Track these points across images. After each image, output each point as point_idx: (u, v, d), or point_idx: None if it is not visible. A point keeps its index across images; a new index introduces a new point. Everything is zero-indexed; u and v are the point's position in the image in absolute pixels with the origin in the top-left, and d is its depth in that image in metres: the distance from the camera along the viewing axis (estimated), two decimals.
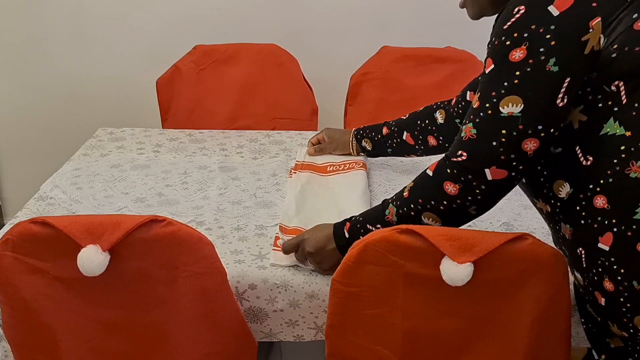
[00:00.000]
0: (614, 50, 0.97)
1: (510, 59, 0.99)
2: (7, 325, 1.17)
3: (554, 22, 0.96)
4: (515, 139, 1.00)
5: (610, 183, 0.99)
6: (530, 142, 1.00)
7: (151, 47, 2.49)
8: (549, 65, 0.97)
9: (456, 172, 1.05)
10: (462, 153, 1.04)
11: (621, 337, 1.06)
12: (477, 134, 1.03)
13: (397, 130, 1.62)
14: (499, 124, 1.00)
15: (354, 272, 1.10)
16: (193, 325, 1.17)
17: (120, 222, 1.07)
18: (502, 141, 1.00)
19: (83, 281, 1.09)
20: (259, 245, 1.35)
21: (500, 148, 1.01)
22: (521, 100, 0.99)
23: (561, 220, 1.09)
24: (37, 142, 2.67)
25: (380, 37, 2.31)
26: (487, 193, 1.05)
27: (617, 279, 1.00)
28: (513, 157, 1.01)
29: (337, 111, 2.20)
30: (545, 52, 0.97)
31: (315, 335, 1.29)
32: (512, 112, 0.99)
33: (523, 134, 1.00)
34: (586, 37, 0.96)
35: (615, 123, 0.99)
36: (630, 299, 1.00)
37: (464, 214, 1.09)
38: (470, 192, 1.05)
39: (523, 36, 0.98)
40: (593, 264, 1.04)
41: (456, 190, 1.06)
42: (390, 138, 1.63)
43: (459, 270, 1.03)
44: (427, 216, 1.11)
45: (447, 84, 2.13)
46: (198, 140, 1.92)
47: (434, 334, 1.13)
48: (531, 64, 0.97)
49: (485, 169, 1.02)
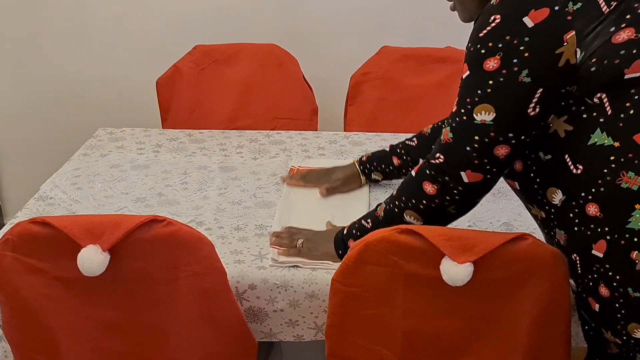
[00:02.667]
0: (593, 63, 0.97)
1: (485, 68, 1.01)
2: (7, 325, 1.17)
3: (528, 34, 0.97)
4: (487, 145, 1.04)
5: (601, 192, 0.99)
6: (502, 149, 1.04)
7: (151, 47, 2.49)
8: (521, 77, 0.99)
9: (434, 174, 1.10)
10: (440, 156, 1.09)
11: (615, 343, 1.06)
12: (452, 138, 1.07)
13: (410, 159, 1.54)
14: (472, 130, 1.04)
15: (354, 272, 1.10)
16: (193, 325, 1.17)
17: (120, 222, 1.07)
18: (475, 147, 1.04)
19: (83, 281, 1.09)
20: (259, 246, 1.35)
21: (473, 153, 1.05)
22: (493, 109, 1.02)
23: (556, 226, 1.10)
24: (37, 142, 2.67)
25: (380, 37, 2.30)
26: (465, 194, 1.10)
27: (612, 285, 1.00)
28: (486, 162, 1.05)
29: (337, 111, 2.20)
30: (518, 63, 0.98)
31: (315, 335, 1.29)
32: (484, 120, 1.03)
33: (494, 141, 1.04)
34: (560, 50, 0.97)
35: (602, 134, 0.99)
36: (625, 305, 1.00)
37: (444, 214, 1.14)
38: (447, 192, 1.10)
39: (497, 46, 0.99)
40: (588, 270, 1.04)
41: (434, 191, 1.11)
42: (404, 167, 1.55)
43: (459, 270, 1.03)
44: (409, 214, 1.16)
45: (447, 84, 2.13)
46: (198, 140, 1.92)
47: (434, 334, 1.13)
48: (504, 74, 0.99)
49: (461, 172, 1.07)
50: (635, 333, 1.01)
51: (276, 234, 1.36)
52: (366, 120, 2.14)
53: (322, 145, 1.88)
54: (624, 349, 1.06)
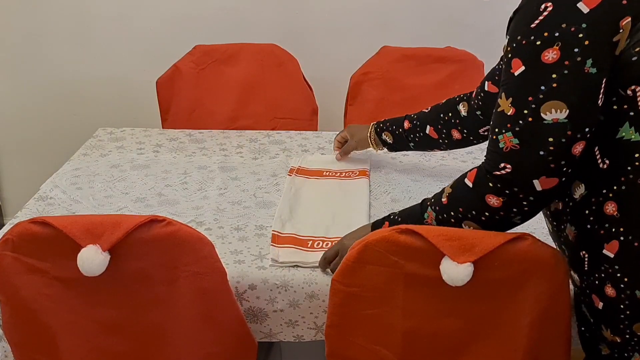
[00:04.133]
0: (635, 53, 0.93)
1: (544, 60, 0.94)
2: (7, 325, 1.17)
3: (585, 20, 0.91)
4: (565, 146, 0.95)
5: (622, 190, 0.97)
6: (579, 146, 0.96)
7: (151, 47, 2.49)
8: (586, 68, 0.92)
9: (500, 186, 1.00)
10: (506, 166, 0.99)
11: (611, 342, 1.06)
12: (519, 144, 0.97)
13: (419, 124, 1.57)
14: (544, 132, 0.95)
15: (354, 272, 1.10)
16: (193, 325, 1.17)
17: (120, 222, 1.07)
18: (551, 149, 0.95)
19: (83, 281, 1.09)
20: (259, 246, 1.35)
21: (549, 157, 0.96)
22: (565, 106, 0.94)
23: (568, 220, 1.08)
24: (37, 142, 2.67)
25: (380, 37, 2.30)
26: (535, 204, 1.01)
27: (619, 286, 1.00)
28: (563, 164, 0.96)
29: (337, 111, 2.20)
30: (580, 52, 0.92)
31: (315, 335, 1.29)
32: (557, 119, 0.94)
33: (572, 140, 0.95)
34: (617, 38, 0.92)
35: (630, 128, 0.96)
36: (631, 307, 1.00)
37: (508, 223, 1.06)
38: (515, 204, 1.01)
39: (554, 35, 0.92)
40: (596, 268, 1.03)
41: (499, 203, 1.02)
42: (412, 132, 1.58)
43: (459, 270, 1.03)
44: (467, 224, 1.09)
45: (447, 84, 2.13)
46: (198, 140, 1.92)
47: (434, 334, 1.13)
48: (567, 65, 0.92)
49: (534, 180, 0.98)
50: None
51: (330, 256, 1.26)
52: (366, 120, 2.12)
53: (322, 145, 1.88)
54: (616, 350, 1.05)
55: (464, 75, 2.13)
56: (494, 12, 2.32)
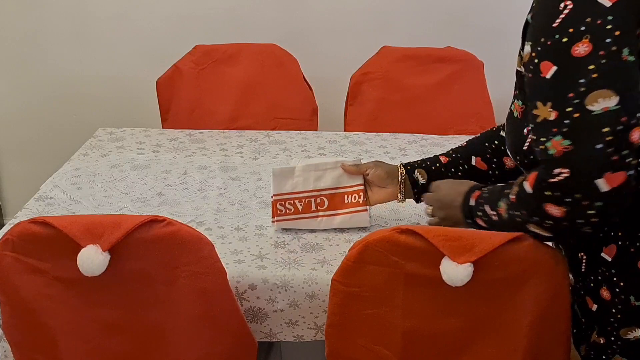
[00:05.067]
0: None
1: (575, 55, 0.90)
2: (7, 325, 1.17)
3: (610, 13, 0.89)
4: (622, 132, 0.88)
5: None
6: (637, 132, 0.89)
7: (151, 47, 2.49)
8: (624, 55, 0.89)
9: (559, 195, 0.92)
10: (562, 171, 0.91)
11: (592, 343, 1.06)
12: (572, 144, 0.90)
13: (461, 156, 1.38)
14: (596, 123, 0.89)
15: (354, 272, 1.10)
16: (193, 325, 1.17)
17: (120, 222, 1.07)
18: (608, 140, 0.88)
19: (83, 281, 1.09)
20: (259, 246, 1.35)
21: (608, 148, 0.88)
22: (613, 93, 0.88)
23: None
24: (37, 142, 2.67)
25: (380, 37, 2.30)
26: (604, 209, 0.91)
27: (615, 290, 1.00)
28: (625, 154, 0.89)
29: (337, 111, 2.20)
30: (613, 42, 0.88)
31: (315, 335, 1.29)
32: (607, 107, 0.88)
33: (628, 126, 0.89)
34: None
35: None
36: (624, 311, 1.00)
37: (576, 233, 0.97)
38: (579, 213, 0.92)
39: (581, 30, 0.89)
40: (593, 271, 1.03)
41: (562, 213, 0.93)
42: (453, 166, 1.37)
43: (458, 270, 1.03)
44: (533, 227, 1.01)
45: (447, 84, 2.13)
46: (198, 140, 1.92)
47: (434, 334, 1.13)
48: (603, 55, 0.89)
49: (597, 179, 0.89)
50: (627, 335, 1.01)
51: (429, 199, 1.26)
52: (366, 120, 2.14)
53: (322, 145, 1.88)
54: (592, 353, 1.06)
55: (464, 76, 2.13)
56: (494, 12, 2.32)
